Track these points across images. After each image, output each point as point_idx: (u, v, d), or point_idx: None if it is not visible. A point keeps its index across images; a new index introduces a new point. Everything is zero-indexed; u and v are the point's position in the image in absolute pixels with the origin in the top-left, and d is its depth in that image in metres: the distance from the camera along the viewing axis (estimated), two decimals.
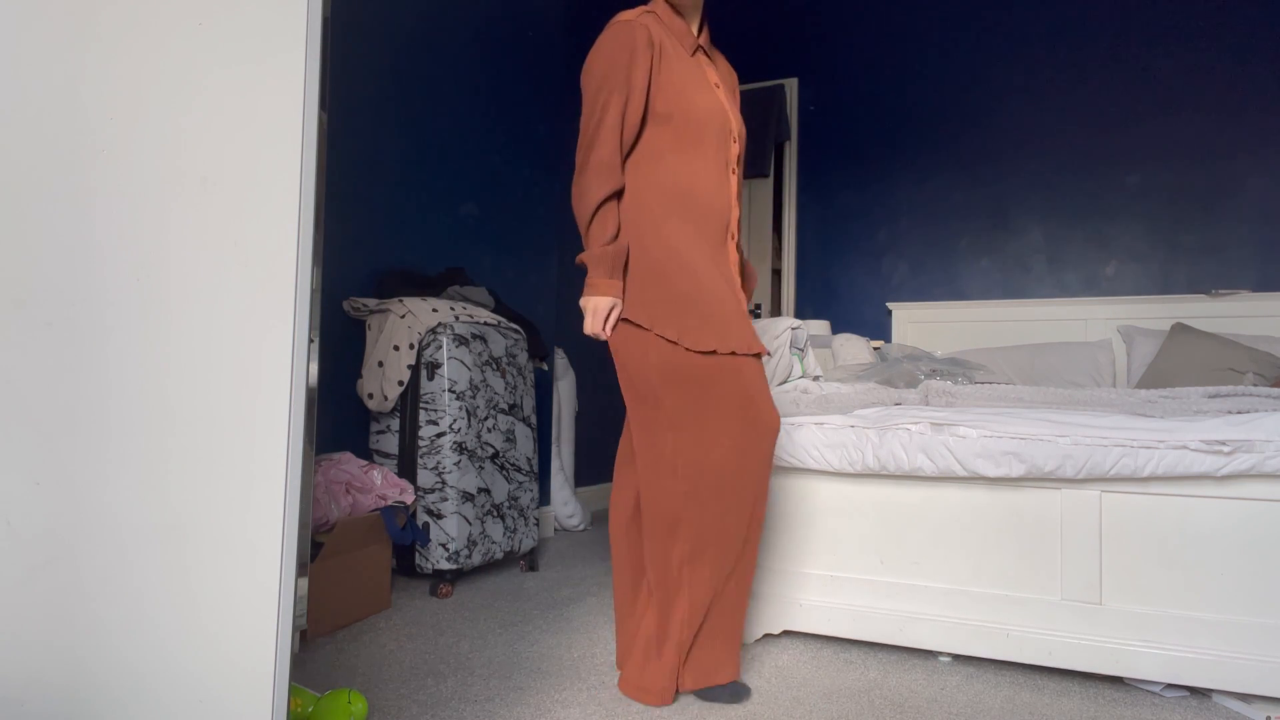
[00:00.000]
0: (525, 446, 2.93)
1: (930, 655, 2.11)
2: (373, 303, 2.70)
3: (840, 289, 4.58)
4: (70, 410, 1.09)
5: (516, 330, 2.94)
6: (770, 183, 4.87)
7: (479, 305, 2.91)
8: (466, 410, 2.62)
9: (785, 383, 2.38)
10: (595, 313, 1.73)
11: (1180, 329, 3.46)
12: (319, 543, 2.10)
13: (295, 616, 1.21)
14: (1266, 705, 1.77)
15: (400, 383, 2.59)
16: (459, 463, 2.58)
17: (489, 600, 2.52)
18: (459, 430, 2.59)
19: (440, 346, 2.59)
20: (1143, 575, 1.86)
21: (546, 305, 3.70)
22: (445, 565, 2.54)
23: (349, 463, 2.40)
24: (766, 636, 2.24)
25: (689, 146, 1.78)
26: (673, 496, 1.72)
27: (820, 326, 4.14)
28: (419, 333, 2.59)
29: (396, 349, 2.60)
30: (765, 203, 4.89)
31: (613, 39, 1.75)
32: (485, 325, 2.76)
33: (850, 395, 2.37)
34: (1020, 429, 1.94)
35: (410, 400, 2.61)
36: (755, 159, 4.69)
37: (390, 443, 2.66)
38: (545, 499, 3.63)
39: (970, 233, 4.27)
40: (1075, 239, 4.05)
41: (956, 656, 2.09)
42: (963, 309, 4.21)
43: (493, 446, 2.74)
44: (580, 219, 1.75)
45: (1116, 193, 3.97)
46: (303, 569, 1.87)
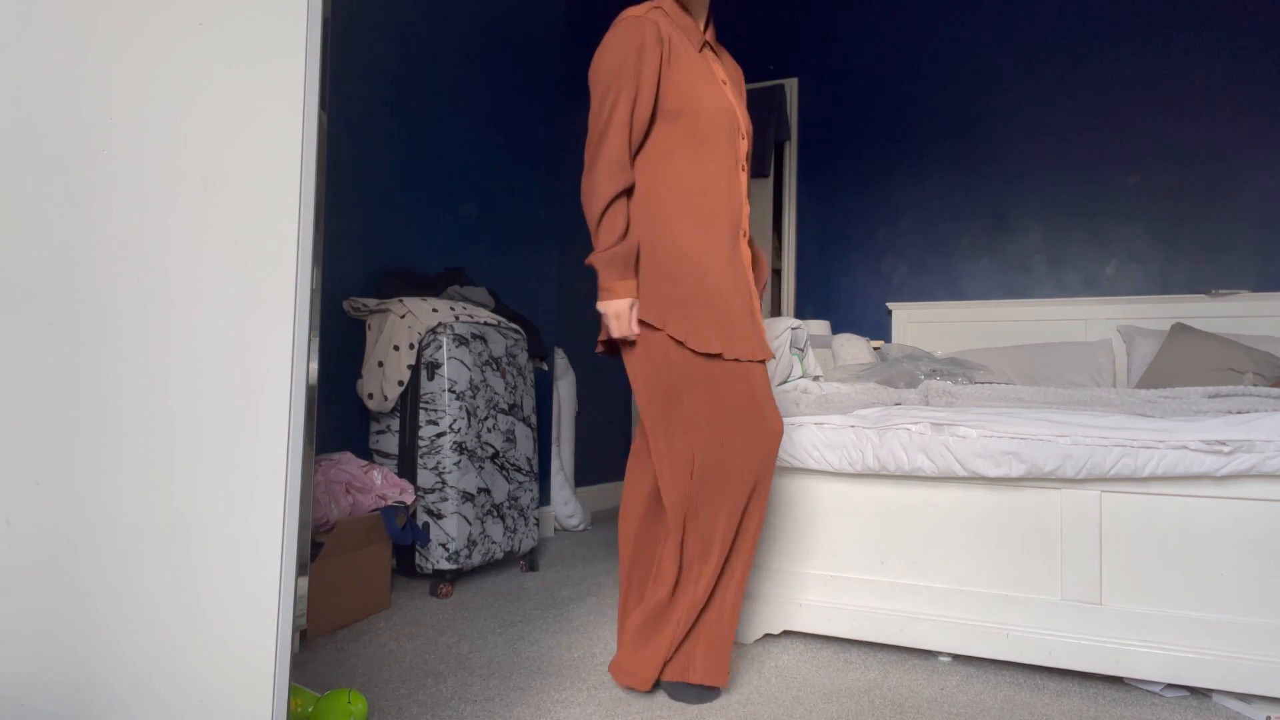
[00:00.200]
0: (525, 446, 2.93)
1: (930, 655, 2.11)
2: (373, 303, 2.70)
3: (840, 289, 4.58)
4: (70, 410, 1.09)
5: (516, 330, 2.94)
6: (770, 183, 4.87)
7: (479, 305, 2.91)
8: (466, 410, 2.62)
9: (785, 383, 2.38)
10: (618, 317, 1.72)
11: (1180, 329, 3.46)
12: (319, 543, 2.10)
13: (295, 616, 1.21)
14: (1266, 705, 1.77)
15: (400, 383, 2.59)
16: (459, 463, 2.58)
17: (489, 600, 2.52)
18: (459, 430, 2.59)
19: (440, 346, 2.59)
20: (1143, 575, 1.86)
21: (546, 305, 3.70)
22: (445, 565, 2.54)
23: (349, 463, 2.40)
24: (766, 636, 2.24)
25: (699, 144, 1.76)
26: (684, 495, 1.73)
27: (820, 326, 4.14)
28: (419, 333, 2.59)
29: (396, 349, 2.60)
30: (765, 203, 4.89)
31: (622, 34, 1.73)
32: (485, 325, 2.76)
33: (850, 395, 2.37)
34: (1020, 429, 1.94)
35: (410, 400, 2.61)
36: (755, 159, 4.69)
37: (390, 443, 2.66)
38: (545, 499, 3.63)
39: (970, 233, 4.27)
40: (1075, 239, 4.05)
41: (956, 656, 2.09)
42: (963, 309, 4.20)
43: (493, 446, 2.74)
44: (590, 217, 1.73)
45: (1116, 193, 3.97)
46: (303, 569, 1.87)
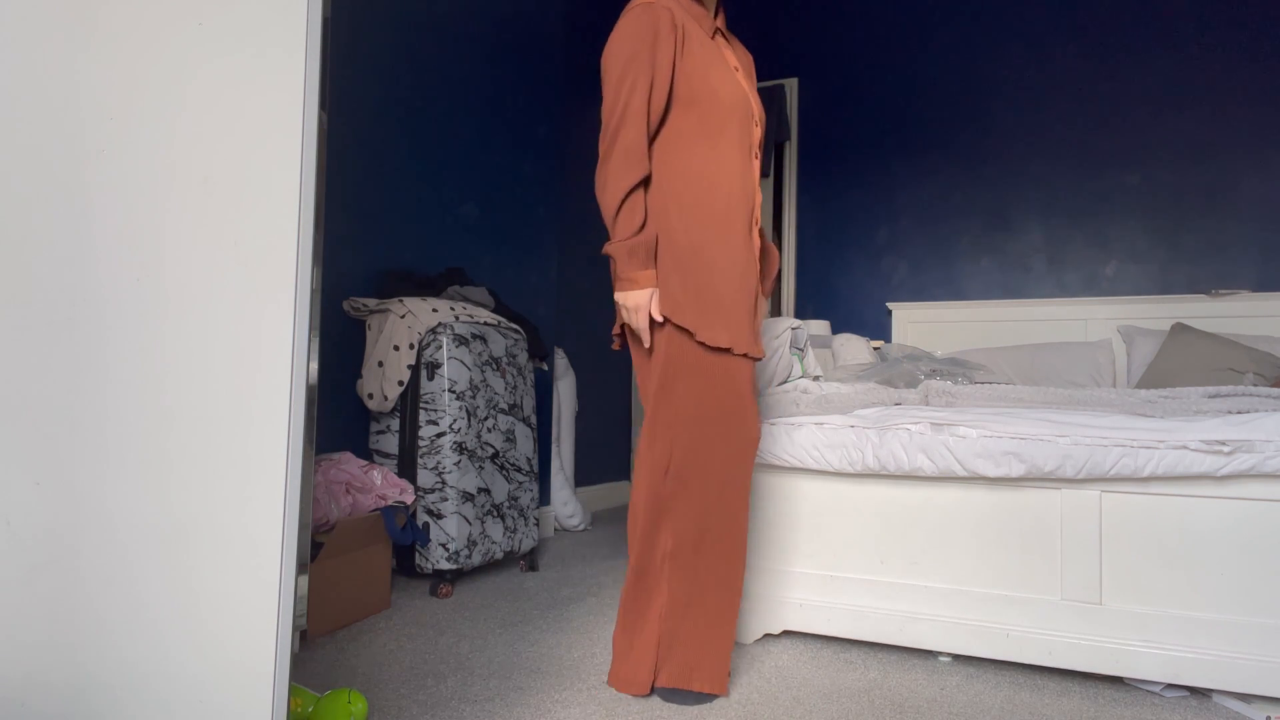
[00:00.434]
0: (525, 446, 2.93)
1: (930, 655, 2.11)
2: (373, 303, 2.70)
3: (840, 289, 4.58)
4: (70, 410, 1.09)
5: (516, 330, 2.94)
6: (770, 183, 4.87)
7: (479, 305, 2.91)
8: (466, 410, 2.62)
9: (785, 383, 2.38)
10: (638, 309, 1.69)
11: (1180, 329, 3.46)
12: (319, 543, 2.10)
13: (295, 616, 1.21)
14: (1266, 705, 1.77)
15: (400, 383, 2.59)
16: (459, 463, 2.58)
17: (489, 600, 2.52)
18: (459, 430, 2.59)
19: (440, 346, 2.59)
20: (1143, 575, 1.86)
21: (546, 305, 3.70)
22: (445, 565, 2.54)
23: (349, 463, 2.40)
24: (766, 637, 2.24)
25: (714, 132, 1.74)
26: (662, 490, 1.73)
27: (820, 326, 4.14)
28: (419, 333, 2.59)
29: (396, 349, 2.60)
30: (765, 203, 4.89)
31: (635, 21, 1.70)
32: (485, 325, 2.76)
33: (850, 395, 2.37)
34: (1020, 429, 1.94)
35: (410, 400, 2.61)
36: None
37: (390, 443, 2.66)
38: (545, 499, 3.63)
39: (970, 233, 4.27)
40: (1075, 239, 4.04)
41: (956, 656, 2.09)
42: (963, 309, 4.20)
43: (493, 446, 2.74)
44: (606, 208, 1.69)
45: (1116, 192, 3.97)
46: (303, 569, 1.87)
